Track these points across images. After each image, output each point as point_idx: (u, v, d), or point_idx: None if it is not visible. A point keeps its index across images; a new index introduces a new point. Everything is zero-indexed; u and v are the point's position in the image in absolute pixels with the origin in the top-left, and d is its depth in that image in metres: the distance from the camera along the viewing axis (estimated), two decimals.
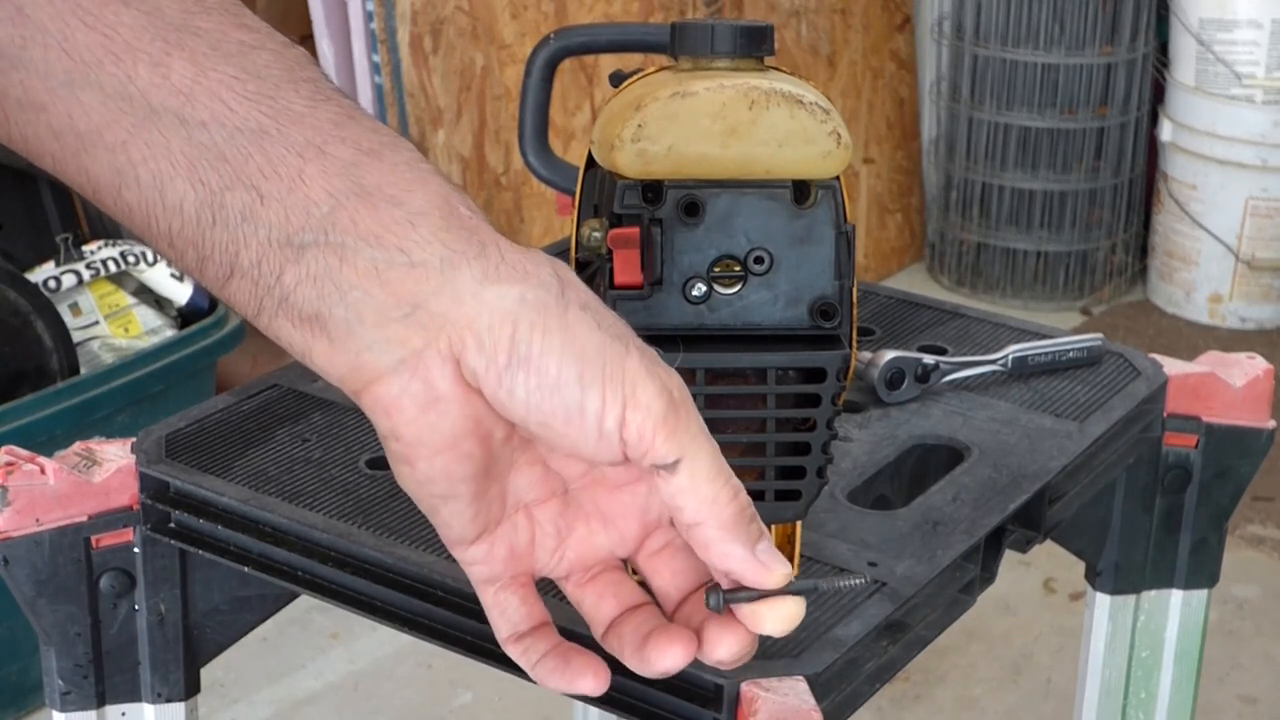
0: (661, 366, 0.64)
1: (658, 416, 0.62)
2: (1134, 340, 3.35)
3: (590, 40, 1.28)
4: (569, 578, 0.69)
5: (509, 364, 0.61)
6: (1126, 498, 1.17)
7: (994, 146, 3.47)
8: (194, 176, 0.62)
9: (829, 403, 0.82)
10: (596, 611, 0.69)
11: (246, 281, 0.63)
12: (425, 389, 0.62)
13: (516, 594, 0.69)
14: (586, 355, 0.62)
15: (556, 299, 0.62)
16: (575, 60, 2.98)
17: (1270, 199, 3.34)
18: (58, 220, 2.50)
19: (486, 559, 0.68)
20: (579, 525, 0.69)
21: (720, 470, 0.64)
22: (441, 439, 0.63)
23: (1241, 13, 3.25)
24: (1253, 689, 2.32)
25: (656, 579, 0.69)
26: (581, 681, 0.67)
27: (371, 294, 0.61)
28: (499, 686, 2.25)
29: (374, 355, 0.62)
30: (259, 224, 0.62)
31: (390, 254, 0.61)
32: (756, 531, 0.65)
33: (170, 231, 0.63)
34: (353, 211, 0.62)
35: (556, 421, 0.62)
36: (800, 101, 0.81)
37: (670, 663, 0.66)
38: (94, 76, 0.62)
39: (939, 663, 2.34)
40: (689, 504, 0.64)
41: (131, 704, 1.06)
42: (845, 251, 0.82)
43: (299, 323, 0.63)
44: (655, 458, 0.63)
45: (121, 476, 1.01)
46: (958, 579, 0.95)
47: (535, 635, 0.69)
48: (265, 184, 0.61)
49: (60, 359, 2.19)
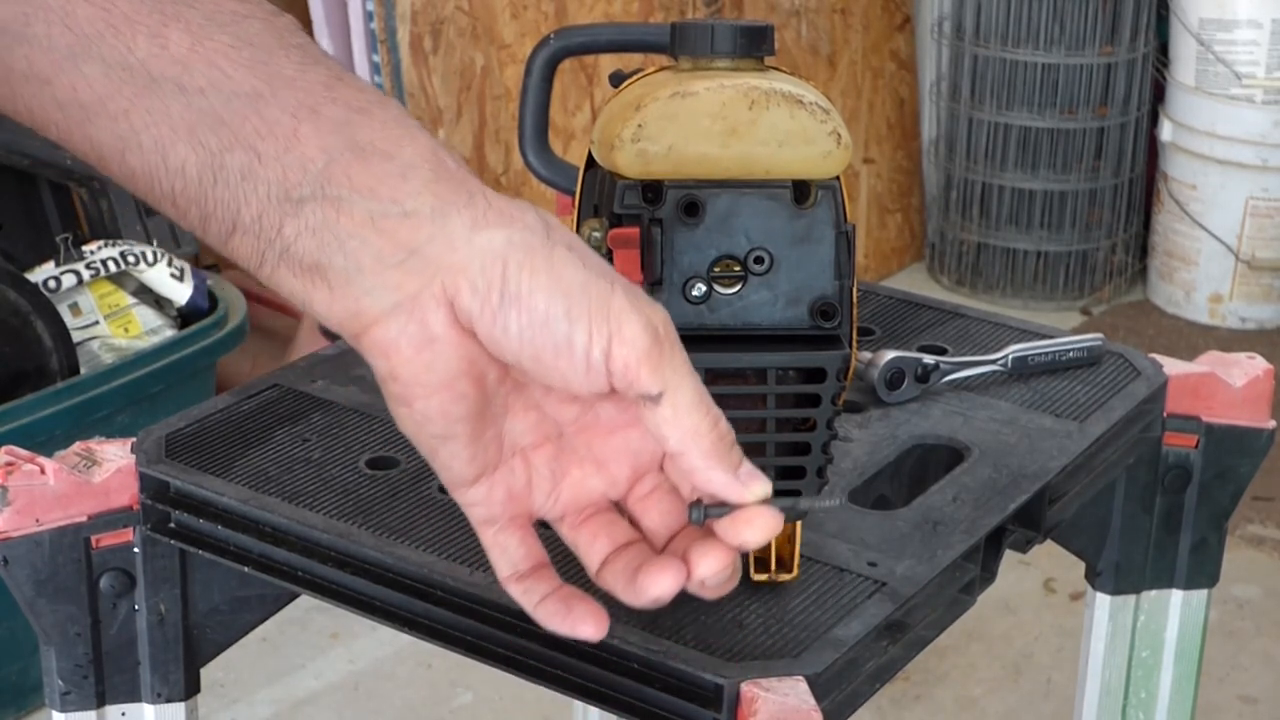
0: (646, 302, 0.67)
1: (642, 350, 0.65)
2: (1134, 340, 3.35)
3: (590, 40, 1.27)
4: (563, 519, 0.73)
5: (501, 303, 0.65)
6: (1126, 498, 1.17)
7: (994, 146, 3.47)
8: (194, 140, 0.65)
9: (829, 403, 0.82)
10: (590, 550, 0.72)
11: (249, 236, 0.66)
12: (421, 330, 0.65)
13: (515, 535, 0.72)
14: (573, 292, 0.65)
15: (542, 240, 0.66)
16: (575, 60, 2.98)
17: (1270, 199, 3.34)
18: (58, 220, 2.50)
19: (485, 500, 0.71)
20: (573, 469, 0.72)
21: (701, 401, 0.67)
22: (437, 379, 0.66)
23: (1241, 13, 3.25)
24: (1253, 689, 2.32)
25: (646, 519, 0.72)
26: (583, 627, 0.71)
27: (368, 243, 0.65)
28: (499, 686, 2.25)
29: (372, 300, 0.65)
30: (258, 182, 0.65)
31: (384, 205, 0.65)
32: (737, 457, 0.68)
33: (174, 192, 0.66)
34: (347, 166, 0.65)
35: (547, 355, 0.65)
36: (800, 101, 0.81)
37: (661, 589, 0.69)
38: (95, 49, 0.64)
39: (939, 663, 2.34)
40: (673, 434, 0.67)
41: (131, 704, 1.06)
42: (845, 251, 0.82)
43: (300, 273, 0.66)
44: (640, 389, 0.66)
45: (121, 476, 1.01)
46: (958, 579, 0.95)
47: (535, 576, 0.72)
48: (262, 144, 0.65)
49: (60, 359, 2.19)
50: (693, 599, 0.89)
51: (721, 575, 0.70)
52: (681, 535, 0.72)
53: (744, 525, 0.69)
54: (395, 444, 1.05)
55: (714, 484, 0.68)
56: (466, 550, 0.93)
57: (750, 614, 0.88)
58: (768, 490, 0.69)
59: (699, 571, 0.69)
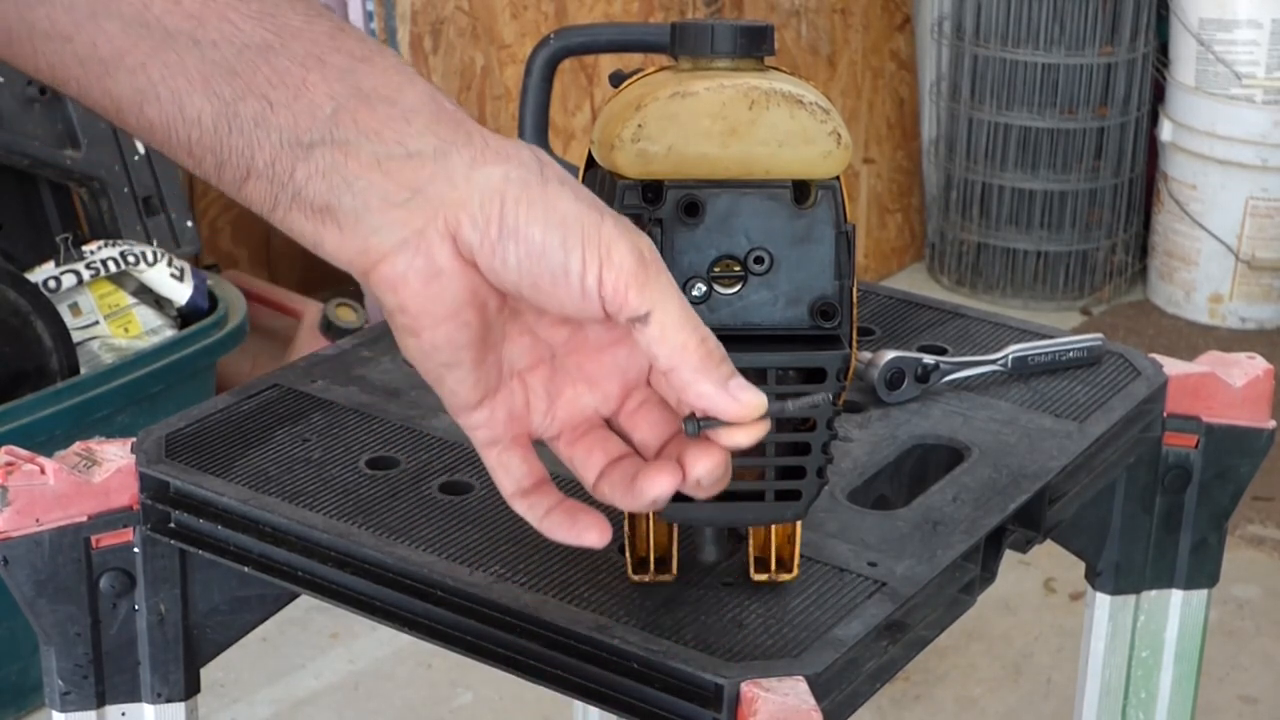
0: (634, 230, 0.70)
1: (629, 272, 0.69)
2: (1134, 340, 3.35)
3: (590, 40, 1.27)
4: (560, 437, 0.76)
5: (500, 236, 0.69)
6: (1126, 498, 1.17)
7: (994, 146, 3.47)
8: (209, 91, 0.69)
9: (829, 403, 0.82)
10: (586, 465, 0.76)
11: (262, 181, 0.70)
12: (427, 264, 0.69)
13: (517, 454, 0.76)
14: (566, 222, 0.69)
15: (537, 176, 0.70)
16: (575, 60, 2.98)
17: (1270, 199, 3.34)
18: (58, 220, 2.50)
19: (488, 423, 0.75)
20: (566, 388, 0.76)
21: (688, 319, 0.70)
22: (444, 309, 0.70)
23: (1241, 13, 3.25)
24: (1253, 689, 2.32)
25: (636, 433, 0.76)
26: (588, 535, 0.75)
27: (375, 183, 0.69)
28: (499, 686, 2.25)
29: (380, 238, 0.69)
30: (270, 129, 0.69)
31: (389, 147, 0.69)
32: (727, 370, 0.71)
33: (190, 141, 0.70)
34: (353, 112, 0.69)
35: (544, 283, 0.69)
36: (800, 101, 0.81)
37: (659, 490, 0.72)
38: (114, 6, 0.68)
39: (939, 663, 2.34)
40: (662, 351, 0.70)
41: (131, 704, 1.06)
42: (845, 251, 0.82)
43: (311, 214, 0.70)
44: (629, 311, 0.69)
45: (121, 476, 1.01)
46: (958, 579, 0.95)
47: (539, 491, 0.76)
48: (273, 93, 0.68)
49: (60, 359, 2.19)
50: (693, 599, 0.89)
51: (715, 474, 0.73)
52: (673, 443, 0.75)
53: (737, 431, 0.71)
54: (395, 444, 1.05)
55: (705, 398, 0.70)
56: (466, 550, 0.93)
57: (750, 614, 0.88)
58: (760, 401, 0.71)
59: (694, 472, 0.72)
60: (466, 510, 0.98)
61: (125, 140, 2.49)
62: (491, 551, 0.93)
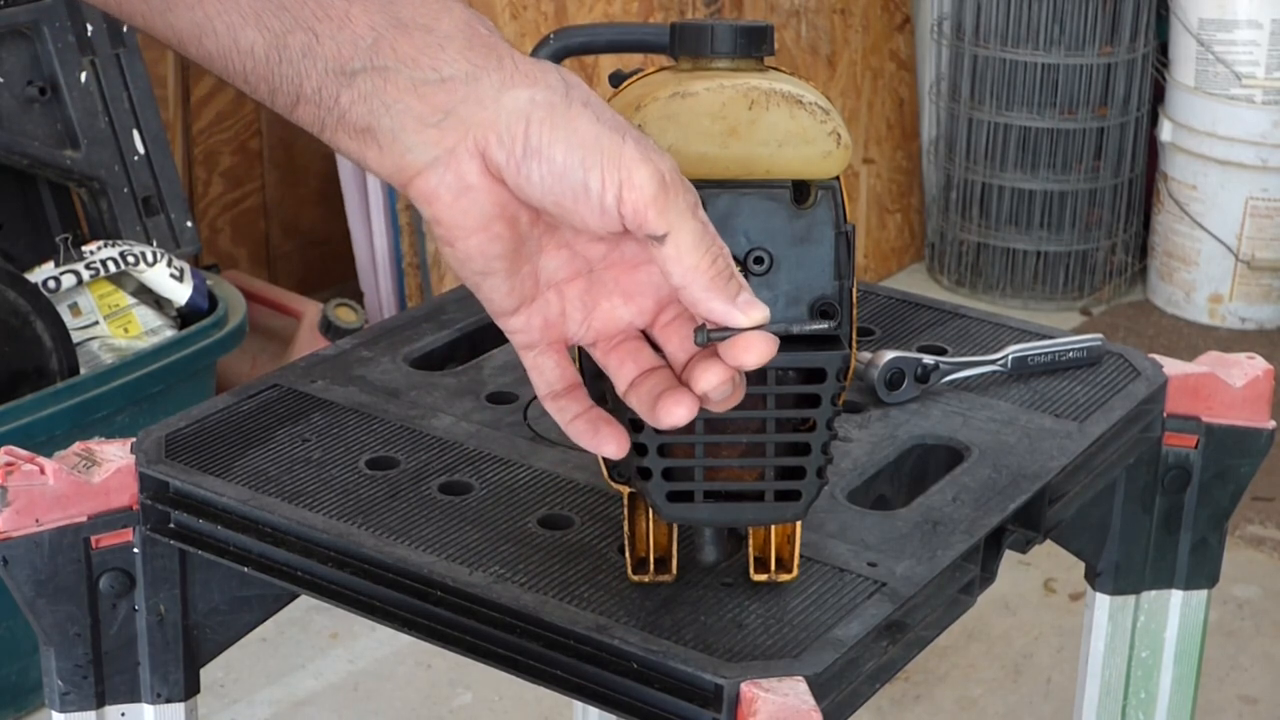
0: (656, 152, 0.74)
1: (650, 195, 0.73)
2: (1134, 340, 3.35)
3: (590, 40, 1.28)
4: (596, 345, 0.81)
5: (524, 155, 0.74)
6: (1126, 498, 1.17)
7: (994, 146, 3.47)
8: (260, 24, 0.75)
9: (829, 403, 0.82)
10: (619, 372, 0.80)
11: (310, 106, 0.76)
12: (458, 180, 0.75)
13: (551, 358, 0.80)
14: (588, 144, 0.73)
15: (562, 98, 0.74)
16: (575, 60, 2.98)
17: (1270, 199, 3.34)
18: (57, 220, 2.50)
19: (525, 328, 0.80)
20: (603, 301, 0.80)
21: (701, 241, 0.74)
22: (474, 221, 0.76)
23: (1241, 13, 3.24)
24: (1253, 689, 2.32)
25: (668, 345, 0.80)
26: (607, 445, 0.80)
27: (411, 106, 0.75)
28: (499, 686, 2.25)
29: (415, 156, 0.75)
30: (316, 59, 0.75)
31: (425, 73, 0.75)
32: (736, 287, 0.75)
33: (245, 71, 0.77)
34: (392, 41, 0.75)
35: (566, 201, 0.74)
36: (800, 101, 0.81)
37: (676, 418, 0.77)
38: None
39: (939, 663, 2.34)
40: (675, 270, 0.74)
41: (131, 704, 1.06)
42: (845, 251, 0.82)
43: (354, 135, 0.76)
44: (648, 230, 0.73)
45: (121, 477, 1.01)
46: (958, 579, 0.95)
47: (569, 396, 0.81)
48: (319, 25, 0.75)
49: (60, 359, 2.19)
50: (692, 599, 0.89)
51: (722, 390, 0.77)
52: (695, 359, 0.78)
53: (741, 350, 0.75)
54: (395, 444, 1.05)
55: (715, 313, 0.75)
56: (466, 550, 0.93)
57: (750, 614, 0.88)
58: (765, 315, 0.75)
59: (700, 385, 0.77)
60: (466, 510, 0.98)
61: (125, 140, 2.49)
62: (491, 551, 0.93)
